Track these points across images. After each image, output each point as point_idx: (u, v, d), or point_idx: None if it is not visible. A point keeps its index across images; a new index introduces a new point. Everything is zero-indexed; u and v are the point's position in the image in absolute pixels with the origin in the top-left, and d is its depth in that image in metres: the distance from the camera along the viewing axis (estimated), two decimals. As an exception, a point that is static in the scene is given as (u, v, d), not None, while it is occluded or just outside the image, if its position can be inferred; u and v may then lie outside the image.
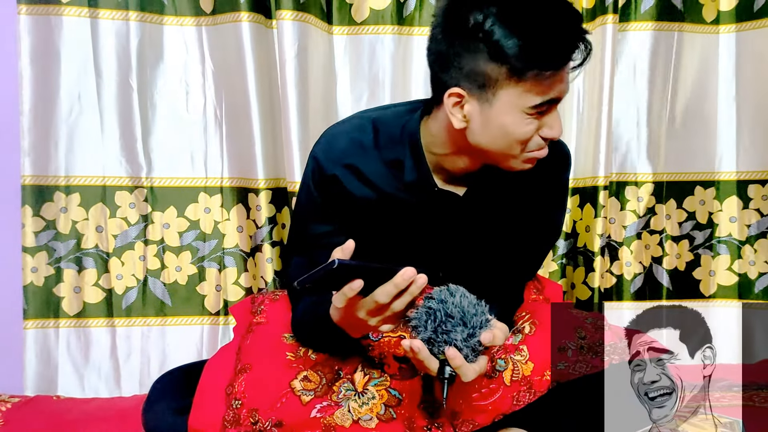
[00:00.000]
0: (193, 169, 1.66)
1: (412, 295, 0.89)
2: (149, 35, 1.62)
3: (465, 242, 1.16)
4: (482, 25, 0.92)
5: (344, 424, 1.03)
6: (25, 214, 1.57)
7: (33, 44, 1.55)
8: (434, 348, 0.90)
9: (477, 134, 1.00)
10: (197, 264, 1.66)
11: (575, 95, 1.75)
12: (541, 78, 0.93)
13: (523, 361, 1.08)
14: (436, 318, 0.89)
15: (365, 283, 0.86)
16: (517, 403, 1.05)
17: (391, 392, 1.06)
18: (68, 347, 1.60)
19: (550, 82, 0.94)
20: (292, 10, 1.58)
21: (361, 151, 1.10)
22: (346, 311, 0.92)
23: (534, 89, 0.94)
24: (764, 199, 1.78)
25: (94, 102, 1.60)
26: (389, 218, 1.13)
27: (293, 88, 1.58)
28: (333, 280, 0.87)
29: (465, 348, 0.89)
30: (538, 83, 0.93)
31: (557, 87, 0.96)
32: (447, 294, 0.91)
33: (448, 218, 1.13)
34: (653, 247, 1.80)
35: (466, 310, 0.89)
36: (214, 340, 1.65)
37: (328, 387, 1.08)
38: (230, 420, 1.05)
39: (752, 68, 1.75)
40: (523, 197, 1.14)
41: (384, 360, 1.10)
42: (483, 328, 0.89)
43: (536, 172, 1.07)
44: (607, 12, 1.66)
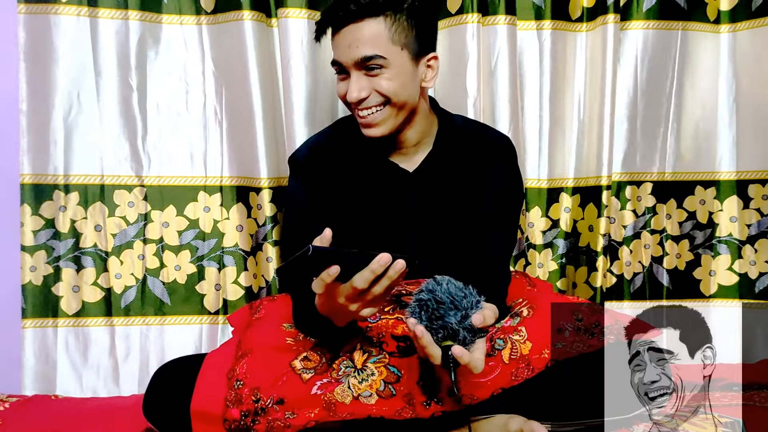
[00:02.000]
0: (193, 168, 1.65)
1: (390, 279, 0.92)
2: (149, 34, 1.61)
3: (429, 222, 1.24)
4: None
5: (344, 401, 1.05)
6: (24, 212, 1.57)
7: (32, 43, 1.55)
8: (433, 337, 0.93)
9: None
10: (196, 263, 1.65)
11: (576, 95, 1.75)
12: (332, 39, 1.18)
13: (521, 340, 1.12)
14: (429, 307, 0.93)
15: (343, 270, 0.90)
16: (515, 379, 1.09)
17: (390, 369, 1.09)
18: (67, 346, 1.60)
19: (335, 46, 1.17)
20: (299, 8, 1.58)
21: (326, 147, 1.28)
22: (326, 298, 0.96)
23: (333, 47, 1.18)
24: (764, 198, 1.77)
25: (94, 101, 1.59)
26: (357, 201, 1.23)
27: (300, 85, 1.59)
28: (311, 267, 0.89)
29: (462, 330, 0.92)
30: (333, 45, 1.18)
31: (339, 50, 1.16)
32: (434, 284, 0.95)
33: (405, 195, 1.23)
34: (653, 247, 1.79)
35: (455, 294, 0.93)
36: (213, 339, 1.65)
37: (328, 365, 1.10)
38: (232, 400, 1.07)
39: (752, 67, 1.75)
40: (469, 177, 1.24)
41: (382, 339, 1.13)
42: (475, 309, 0.93)
43: (473, 157, 1.25)
44: (608, 12, 1.66)
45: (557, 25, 1.72)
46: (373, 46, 1.13)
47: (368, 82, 1.15)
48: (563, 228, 1.76)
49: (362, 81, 1.15)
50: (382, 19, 1.12)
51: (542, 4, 1.71)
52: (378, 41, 1.13)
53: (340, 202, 1.23)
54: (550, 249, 1.76)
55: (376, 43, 1.13)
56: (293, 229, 1.25)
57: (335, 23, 1.15)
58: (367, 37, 1.12)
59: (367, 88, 1.15)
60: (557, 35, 1.72)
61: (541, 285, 1.46)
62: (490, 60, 1.66)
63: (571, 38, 1.74)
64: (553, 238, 1.76)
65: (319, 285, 0.92)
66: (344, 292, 0.93)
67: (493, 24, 1.65)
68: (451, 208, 1.24)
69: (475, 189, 1.24)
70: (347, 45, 1.13)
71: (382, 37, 1.13)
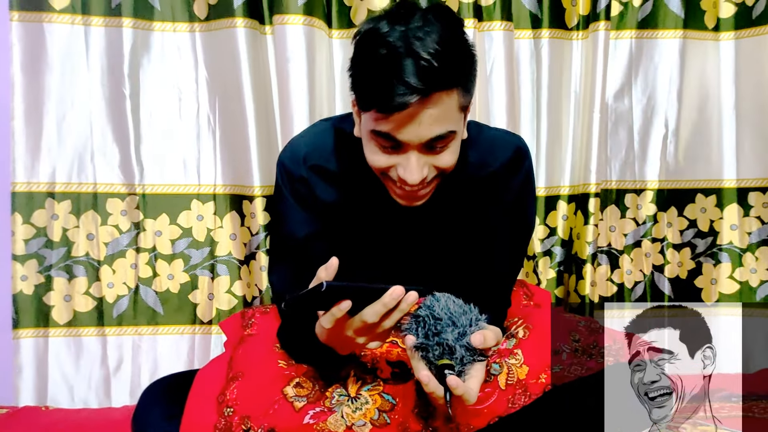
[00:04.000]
0: (186, 176, 1.64)
1: (402, 313, 0.88)
2: (142, 42, 1.61)
3: (435, 247, 1.16)
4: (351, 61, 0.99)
5: (338, 430, 1.02)
6: (15, 221, 1.56)
7: (25, 51, 1.55)
8: (429, 354, 0.90)
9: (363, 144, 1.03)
10: (189, 272, 1.64)
11: (572, 103, 1.73)
12: (381, 114, 0.94)
13: (517, 364, 1.08)
14: (426, 323, 0.90)
15: (354, 304, 0.86)
16: (512, 406, 1.05)
17: (385, 397, 1.06)
18: (58, 357, 1.58)
19: (391, 121, 0.93)
20: (295, 14, 1.57)
21: (323, 154, 1.12)
22: (333, 330, 0.91)
23: (377, 117, 0.94)
24: (765, 206, 1.76)
25: (86, 108, 1.58)
26: (358, 223, 1.13)
27: (297, 92, 1.58)
28: (321, 301, 0.86)
29: (459, 348, 0.89)
30: (380, 116, 0.94)
31: (398, 127, 0.94)
32: (433, 300, 0.92)
33: (412, 221, 1.13)
34: (654, 255, 1.78)
35: (453, 311, 0.90)
36: (206, 349, 1.63)
37: (321, 393, 1.07)
38: (222, 428, 1.04)
39: (752, 75, 1.74)
40: (481, 202, 1.14)
41: (377, 364, 1.09)
42: (474, 327, 0.90)
43: (488, 178, 1.12)
44: (599, 19, 1.65)
45: (554, 33, 1.71)
46: (446, 123, 0.95)
47: (427, 159, 0.98)
48: (560, 236, 1.74)
49: (422, 159, 0.97)
50: (454, 89, 0.94)
51: (539, 12, 1.70)
52: (450, 115, 0.95)
53: (339, 218, 1.13)
54: (549, 257, 1.74)
55: (448, 119, 0.95)
56: (288, 256, 1.14)
57: (394, 104, 0.91)
58: (440, 114, 0.93)
59: (427, 166, 0.98)
60: (554, 43, 1.71)
61: (540, 294, 1.43)
62: (486, 66, 1.64)
63: (567, 46, 1.73)
64: (551, 246, 1.74)
65: (328, 320, 0.88)
66: (353, 325, 0.89)
67: (489, 30, 1.65)
68: (458, 229, 1.16)
69: (483, 208, 1.14)
70: (416, 123, 0.93)
71: (453, 110, 0.96)
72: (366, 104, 0.95)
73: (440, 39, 0.90)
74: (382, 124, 0.94)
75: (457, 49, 0.94)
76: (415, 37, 0.90)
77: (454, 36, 0.94)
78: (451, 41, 0.92)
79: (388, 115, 0.92)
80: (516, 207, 1.16)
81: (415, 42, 0.89)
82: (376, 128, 0.95)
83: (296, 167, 1.11)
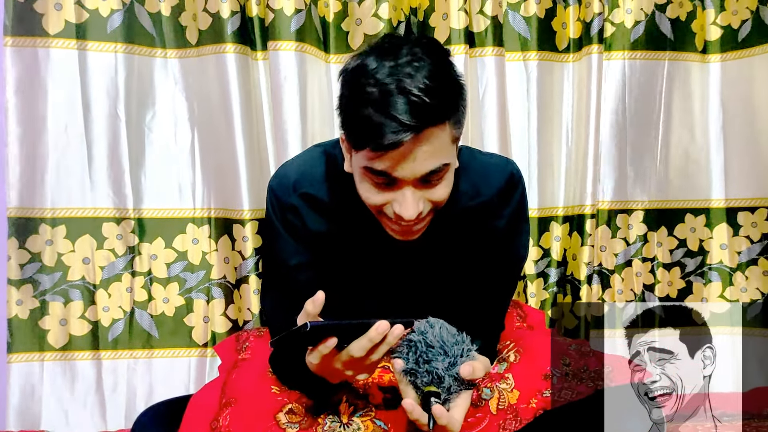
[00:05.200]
0: (181, 200, 1.65)
1: (389, 346, 0.89)
2: (137, 67, 1.61)
3: (429, 277, 1.16)
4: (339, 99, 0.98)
5: None
6: (11, 246, 1.55)
7: (19, 76, 1.55)
8: (417, 379, 0.91)
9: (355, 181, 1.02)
10: (185, 295, 1.64)
11: (564, 125, 1.75)
12: (374, 153, 0.93)
13: (508, 389, 1.09)
14: (417, 349, 0.91)
15: (340, 340, 0.87)
16: (503, 431, 1.05)
17: (377, 423, 1.05)
18: (53, 381, 1.58)
19: (385, 159, 0.92)
20: (287, 41, 1.58)
21: (314, 182, 1.10)
22: (321, 364, 0.92)
23: (370, 156, 0.93)
24: (754, 226, 1.77)
25: (81, 134, 1.58)
26: (350, 254, 1.13)
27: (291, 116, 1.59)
28: (306, 339, 0.88)
29: (447, 377, 0.90)
30: (374, 155, 0.93)
31: (392, 164, 0.93)
32: (427, 326, 0.93)
33: (404, 253, 1.11)
34: (645, 275, 1.79)
35: (446, 340, 0.91)
36: (202, 372, 1.63)
37: (313, 419, 1.06)
38: None
39: (739, 96, 1.76)
40: (474, 230, 1.14)
41: (368, 390, 1.10)
42: (465, 357, 0.91)
43: (481, 207, 1.11)
44: (592, 42, 1.67)
45: (544, 56, 1.72)
46: (440, 157, 0.94)
47: (422, 193, 0.97)
48: (554, 257, 1.75)
49: (417, 194, 0.96)
50: (446, 123, 0.94)
51: (528, 35, 1.72)
52: (443, 148, 0.95)
53: (330, 248, 1.12)
54: (543, 278, 1.75)
55: (442, 152, 0.94)
56: (280, 283, 1.14)
57: (388, 143, 0.90)
58: (434, 149, 0.93)
59: (422, 200, 0.97)
60: (544, 66, 1.72)
61: (533, 315, 1.44)
62: (478, 91, 1.66)
63: (558, 69, 1.74)
64: (545, 267, 1.75)
65: (315, 356, 0.90)
66: (341, 359, 0.90)
67: (480, 56, 1.66)
68: (451, 259, 1.15)
69: (476, 236, 1.14)
70: (411, 159, 0.92)
71: (446, 143, 0.95)
72: (358, 143, 0.94)
73: (430, 74, 0.90)
74: (376, 162, 0.93)
75: (447, 83, 0.94)
76: (404, 73, 0.89)
77: (443, 69, 0.94)
78: (440, 75, 0.92)
79: (382, 153, 0.91)
80: (509, 234, 1.16)
81: (404, 79, 0.89)
82: (369, 165, 0.94)
83: (286, 194, 1.10)
